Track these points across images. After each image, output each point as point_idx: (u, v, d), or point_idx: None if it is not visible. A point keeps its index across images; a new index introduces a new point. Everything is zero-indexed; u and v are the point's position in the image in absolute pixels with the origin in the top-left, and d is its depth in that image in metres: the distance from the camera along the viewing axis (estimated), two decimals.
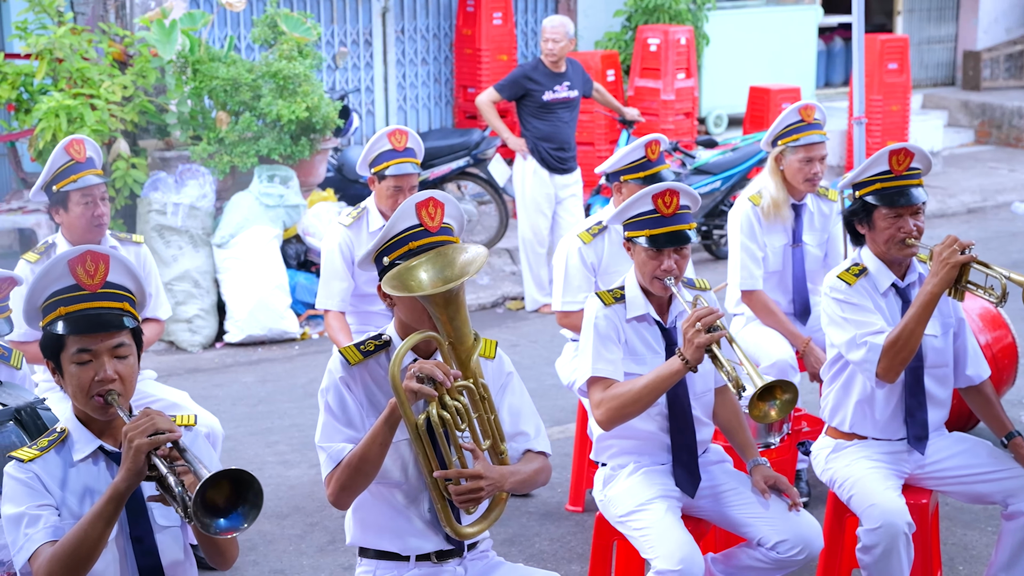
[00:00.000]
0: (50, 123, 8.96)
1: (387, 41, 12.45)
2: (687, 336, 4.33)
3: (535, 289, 10.11)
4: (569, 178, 9.90)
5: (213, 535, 3.09)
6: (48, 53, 9.30)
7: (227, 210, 9.61)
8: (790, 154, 6.23)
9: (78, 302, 3.38)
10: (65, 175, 5.55)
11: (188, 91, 9.76)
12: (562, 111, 9.75)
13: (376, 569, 3.97)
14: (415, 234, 3.78)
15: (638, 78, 12.62)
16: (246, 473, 3.08)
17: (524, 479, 3.86)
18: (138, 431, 3.19)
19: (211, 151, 9.59)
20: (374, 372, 3.86)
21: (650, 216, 4.60)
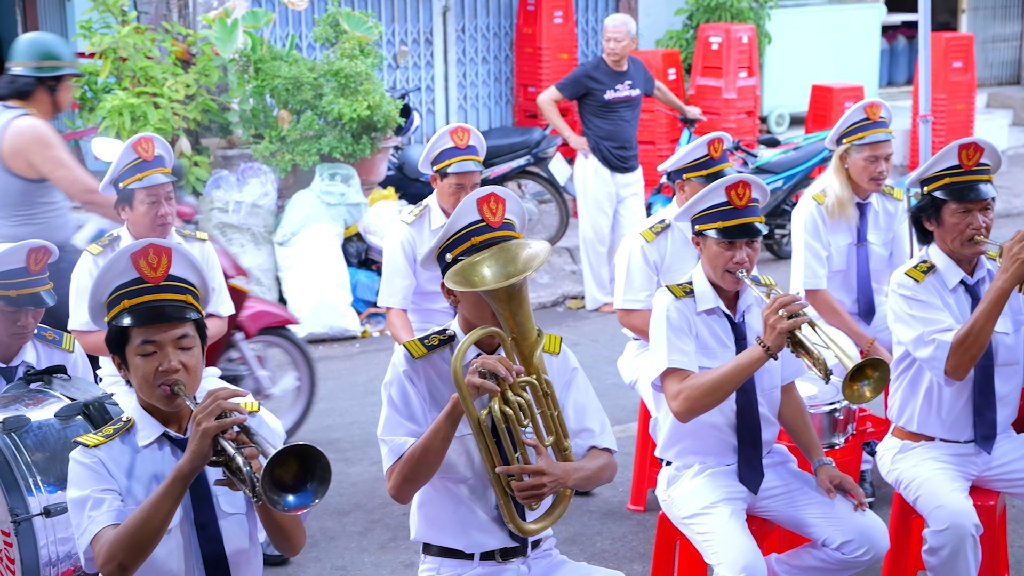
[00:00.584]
0: (114, 121, 9.04)
1: (448, 40, 12.46)
2: (769, 322, 4.29)
3: (595, 288, 10.08)
4: (630, 177, 9.86)
5: (283, 512, 3.09)
6: (112, 52, 9.40)
7: (289, 208, 9.65)
8: (855, 152, 6.16)
9: (142, 295, 3.40)
10: (131, 173, 5.58)
11: (250, 90, 9.83)
12: (624, 110, 9.71)
13: (440, 567, 3.96)
14: (477, 230, 3.77)
15: (699, 77, 12.56)
16: (313, 448, 3.08)
17: (588, 475, 3.84)
18: (205, 413, 3.21)
19: (273, 149, 9.64)
20: (437, 367, 3.85)
21: (723, 208, 4.57)
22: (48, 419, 4.07)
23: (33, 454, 3.94)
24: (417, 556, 5.81)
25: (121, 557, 3.24)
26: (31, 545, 3.84)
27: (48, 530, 3.88)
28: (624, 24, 9.65)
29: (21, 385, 4.35)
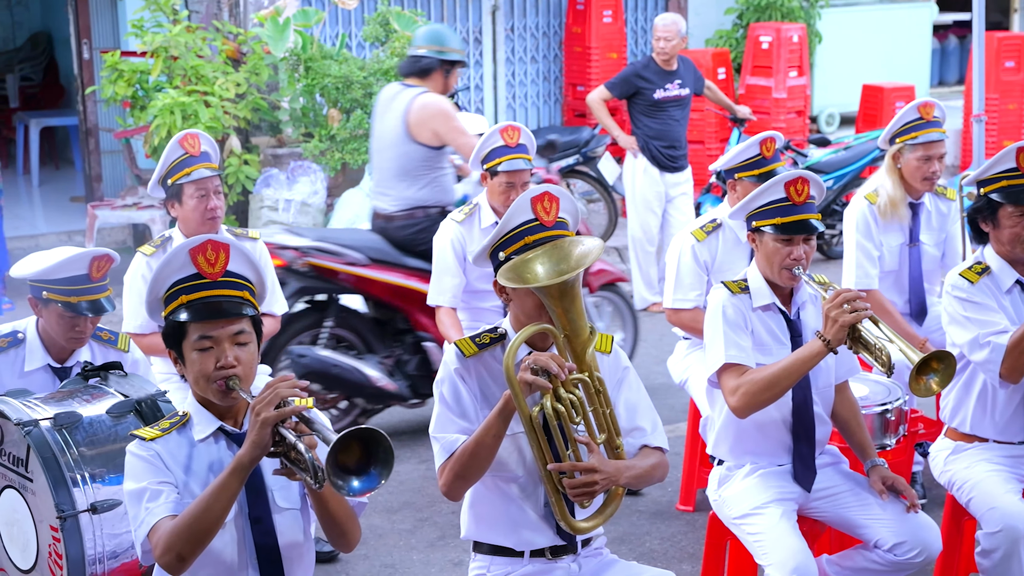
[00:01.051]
0: (165, 120, 9.10)
1: (497, 39, 12.47)
2: (830, 316, 4.27)
3: (644, 288, 10.05)
4: (680, 176, 9.83)
5: (348, 496, 3.10)
6: (163, 51, 9.46)
7: (338, 207, 9.68)
8: (908, 152, 6.11)
9: (199, 290, 3.42)
10: (179, 168, 5.62)
11: (300, 88, 9.87)
12: (673, 109, 9.68)
13: (490, 565, 3.96)
14: (531, 228, 3.77)
15: (749, 76, 12.50)
16: (375, 431, 3.09)
17: (640, 474, 3.83)
18: (264, 403, 3.22)
19: (322, 148, 9.67)
20: (489, 365, 3.85)
21: (781, 204, 4.55)
22: (100, 415, 4.11)
23: (83, 450, 3.97)
24: (466, 555, 5.83)
25: (179, 547, 3.26)
26: (77, 541, 3.87)
27: (95, 527, 3.90)
28: (674, 23, 9.62)
29: (78, 381, 4.38)
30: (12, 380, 4.48)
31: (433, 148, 7.01)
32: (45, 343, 4.56)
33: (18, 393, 4.23)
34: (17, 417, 3.96)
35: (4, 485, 4.13)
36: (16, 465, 4.05)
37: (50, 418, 3.99)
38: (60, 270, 4.42)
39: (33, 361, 4.53)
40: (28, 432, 3.91)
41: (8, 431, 4.08)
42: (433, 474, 6.78)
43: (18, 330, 4.59)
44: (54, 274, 4.42)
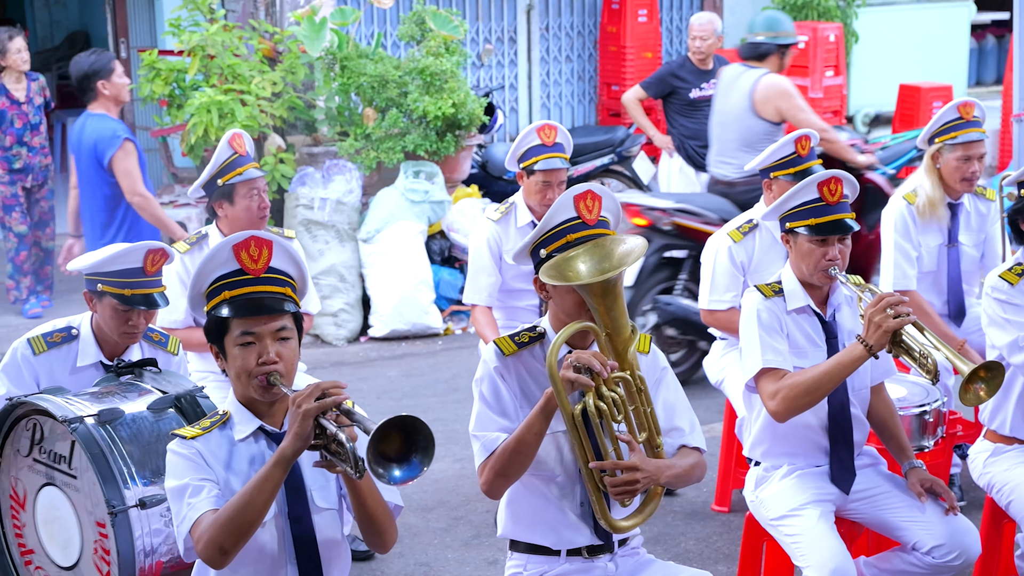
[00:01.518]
0: (201, 118, 9.13)
1: (531, 38, 12.46)
2: (873, 320, 4.25)
3: None
4: None
5: (390, 484, 3.12)
6: (200, 50, 9.49)
7: (373, 205, 9.70)
8: (948, 152, 6.07)
9: (242, 286, 3.43)
10: (231, 168, 5.63)
11: (336, 87, 9.88)
12: (709, 108, 9.64)
13: (527, 563, 3.96)
14: (573, 226, 3.77)
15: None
16: (415, 419, 3.10)
17: (680, 473, 3.83)
18: (305, 396, 3.23)
19: (358, 147, 9.69)
20: (528, 363, 3.85)
21: (815, 205, 4.53)
22: (141, 412, 4.13)
23: (128, 446, 4.00)
24: (500, 554, 5.84)
25: (222, 540, 3.27)
26: (127, 536, 3.89)
27: (143, 521, 3.93)
28: (710, 22, 9.60)
29: (112, 378, 4.40)
30: (63, 376, 4.50)
31: (773, 123, 8.08)
32: (99, 340, 4.58)
33: (55, 391, 4.25)
34: (62, 414, 3.98)
35: (43, 483, 4.15)
36: (57, 462, 4.07)
37: (94, 415, 4.01)
38: (115, 262, 4.44)
39: (85, 357, 4.55)
40: (74, 429, 3.93)
41: (49, 428, 4.11)
42: (467, 473, 6.82)
43: (72, 326, 4.61)
44: (109, 266, 4.44)
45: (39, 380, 4.49)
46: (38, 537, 4.21)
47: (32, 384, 4.48)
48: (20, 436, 4.22)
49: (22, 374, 4.50)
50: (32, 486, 4.19)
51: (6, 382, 4.49)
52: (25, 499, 4.22)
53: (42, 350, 4.54)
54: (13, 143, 9.28)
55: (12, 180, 9.36)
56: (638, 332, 3.80)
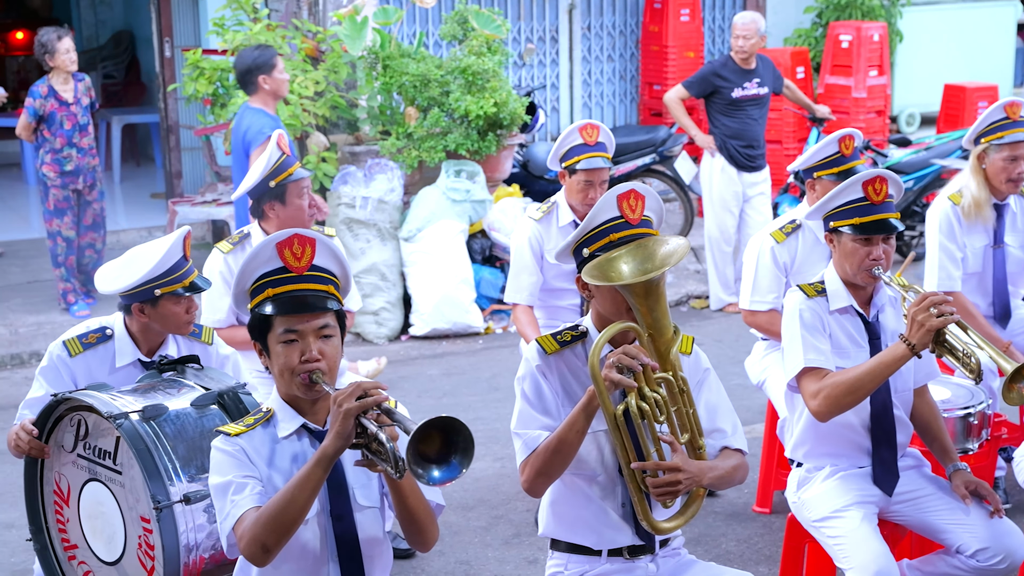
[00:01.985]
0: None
1: (573, 38, 12.45)
2: (916, 319, 4.21)
3: (720, 288, 10.00)
4: (757, 176, 9.77)
5: (429, 485, 3.12)
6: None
7: (414, 204, 9.72)
8: (993, 152, 6.02)
9: (285, 284, 3.45)
10: (281, 169, 5.65)
11: (378, 87, 9.91)
12: (752, 108, 9.62)
13: (567, 563, 3.96)
14: (616, 226, 3.76)
15: (829, 75, 12.38)
16: (455, 420, 3.10)
17: (722, 475, 3.81)
18: (346, 395, 3.24)
19: (400, 146, 9.71)
20: (570, 362, 3.85)
21: (859, 204, 4.50)
22: (185, 408, 4.15)
23: (172, 442, 4.02)
24: (540, 553, 5.85)
25: (264, 538, 3.29)
26: (172, 531, 3.91)
27: (187, 517, 3.95)
28: (753, 22, 9.56)
29: (154, 374, 4.43)
30: (103, 375, 4.53)
31: None
32: (134, 338, 4.61)
33: (100, 387, 4.28)
34: (107, 410, 4.01)
35: (87, 479, 4.18)
36: (102, 458, 4.10)
37: (138, 411, 4.04)
38: (167, 261, 4.46)
39: (124, 356, 4.58)
40: (119, 425, 3.96)
41: (93, 424, 4.13)
42: (508, 472, 6.82)
43: (106, 326, 4.63)
44: (162, 267, 4.45)
45: (76, 381, 4.52)
46: (82, 532, 4.23)
47: (69, 385, 4.50)
48: (64, 432, 4.25)
49: (60, 376, 4.53)
50: (76, 481, 4.22)
51: (45, 384, 4.52)
52: (69, 494, 4.25)
53: (78, 351, 4.57)
54: (63, 145, 9.34)
55: (64, 183, 9.40)
56: (680, 333, 3.79)
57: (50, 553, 4.36)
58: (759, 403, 7.17)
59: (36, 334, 9.20)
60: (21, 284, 10.32)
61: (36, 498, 4.38)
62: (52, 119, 9.28)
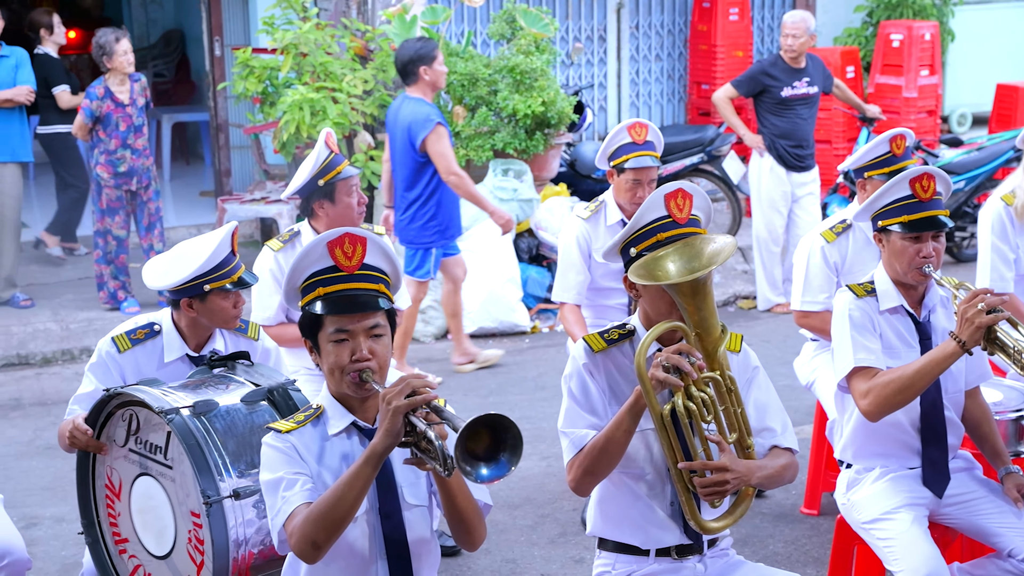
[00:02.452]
0: (294, 116, 9.21)
1: (621, 37, 12.43)
2: (966, 316, 4.17)
3: (768, 288, 9.95)
4: (806, 176, 9.72)
5: (477, 483, 3.12)
6: (293, 48, 9.58)
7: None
8: None
9: (336, 283, 3.45)
10: (330, 168, 5.67)
11: None
12: (801, 107, 9.57)
13: (615, 563, 3.95)
14: (663, 225, 3.75)
15: (879, 75, 12.30)
16: (504, 418, 3.10)
17: (771, 474, 3.79)
18: (395, 393, 3.24)
19: None
20: (617, 361, 3.84)
21: (907, 201, 4.47)
22: (235, 404, 4.17)
23: (222, 437, 4.04)
24: (587, 552, 5.84)
25: (314, 535, 3.30)
26: (222, 526, 3.93)
27: (237, 512, 3.97)
28: (803, 20, 9.51)
29: (205, 370, 4.45)
30: (151, 371, 4.56)
31: None
32: (182, 333, 4.64)
33: (151, 382, 4.31)
34: (158, 405, 4.04)
35: (139, 473, 4.21)
36: (153, 452, 4.13)
37: (189, 406, 4.06)
38: (216, 257, 4.49)
39: (172, 352, 4.61)
40: (170, 420, 3.99)
41: (145, 419, 4.16)
42: (554, 471, 6.82)
43: (154, 322, 4.67)
44: (212, 263, 4.48)
45: (125, 377, 4.56)
46: (132, 526, 4.26)
47: (118, 381, 4.54)
48: (116, 426, 4.28)
49: (109, 372, 4.57)
50: (127, 476, 4.25)
51: (94, 380, 4.56)
52: (120, 489, 4.28)
53: (126, 347, 4.60)
54: (118, 146, 9.41)
55: (117, 183, 9.48)
56: (728, 331, 3.77)
57: (101, 547, 4.39)
58: (807, 404, 7.13)
59: (86, 330, 9.28)
60: (72, 281, 10.42)
61: (88, 492, 4.41)
62: (108, 120, 9.35)
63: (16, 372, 8.89)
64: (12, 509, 4.77)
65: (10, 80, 9.51)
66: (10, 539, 4.48)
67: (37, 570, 5.72)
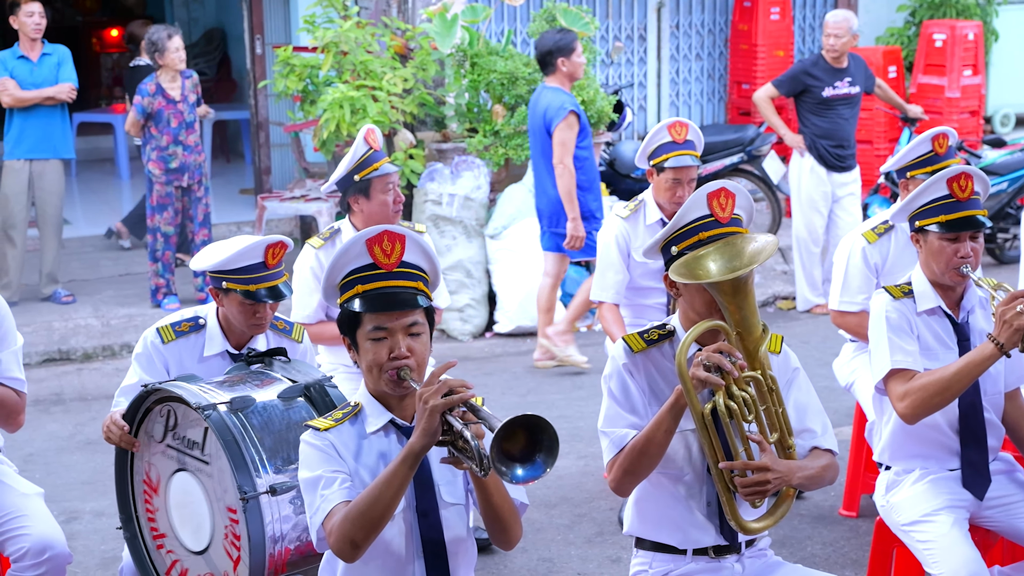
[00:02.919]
0: (334, 114, 9.23)
1: (661, 36, 12.40)
2: (1004, 318, 4.13)
3: (807, 289, 9.90)
4: (847, 176, 9.67)
5: (512, 483, 3.11)
6: (334, 46, 9.60)
7: (500, 202, 9.73)
8: None
9: (375, 280, 3.45)
10: (367, 164, 5.68)
11: (466, 84, 9.93)
12: (842, 107, 9.52)
13: (652, 562, 3.93)
14: (705, 224, 3.73)
15: (921, 75, 12.22)
16: (540, 419, 3.08)
17: (812, 475, 3.77)
18: (432, 392, 3.23)
19: (487, 143, 9.73)
20: (657, 360, 3.82)
21: (945, 201, 4.43)
22: (272, 400, 4.18)
23: (259, 434, 4.05)
24: (623, 551, 5.82)
25: (353, 534, 3.30)
26: (258, 522, 3.94)
27: (273, 508, 3.98)
28: (846, 20, 9.47)
29: (242, 366, 4.47)
30: (192, 364, 4.59)
31: None
32: (224, 330, 4.66)
33: (189, 378, 4.33)
34: (195, 401, 4.05)
35: (176, 468, 4.23)
36: (190, 448, 4.15)
37: (226, 402, 4.08)
38: (237, 260, 4.50)
39: (212, 347, 4.63)
40: (207, 416, 4.00)
41: (183, 415, 4.18)
42: (591, 470, 6.81)
43: (200, 316, 4.70)
44: (232, 264, 4.50)
45: (168, 368, 4.59)
46: (170, 521, 4.28)
47: (162, 371, 4.57)
48: (154, 422, 4.30)
49: (153, 362, 4.60)
50: (165, 471, 4.27)
51: (139, 370, 4.60)
52: (158, 484, 4.30)
53: (171, 339, 4.63)
54: (169, 143, 9.49)
55: (168, 180, 9.56)
56: (769, 331, 3.75)
57: (139, 541, 4.41)
58: (846, 405, 7.09)
59: (127, 326, 9.34)
60: (113, 277, 10.48)
61: (126, 487, 4.44)
62: (159, 116, 9.44)
63: (57, 367, 8.95)
64: (52, 503, 4.80)
65: (52, 78, 9.57)
66: (52, 533, 4.52)
67: (77, 564, 5.75)
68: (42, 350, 9.04)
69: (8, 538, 4.51)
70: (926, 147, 5.75)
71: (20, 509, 4.57)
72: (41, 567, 4.46)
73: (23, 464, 4.87)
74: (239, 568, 4.02)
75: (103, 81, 17.29)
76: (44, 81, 9.54)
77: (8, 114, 9.61)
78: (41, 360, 8.98)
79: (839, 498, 6.26)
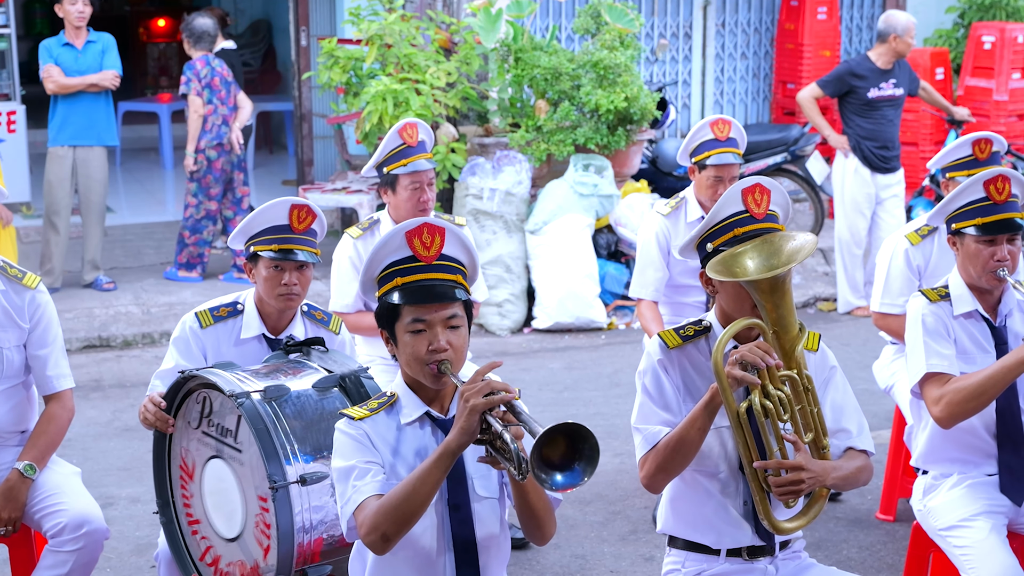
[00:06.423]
0: (377, 107, 9.24)
1: (707, 34, 12.34)
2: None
3: (849, 291, 9.84)
4: (891, 178, 9.60)
5: (551, 490, 3.10)
6: (378, 39, 9.62)
7: (541, 197, 9.72)
8: None
9: (414, 273, 3.43)
10: (396, 158, 5.68)
11: (509, 79, 9.92)
12: (887, 109, 9.45)
13: (685, 561, 3.91)
14: (740, 220, 3.71)
15: (969, 77, 12.09)
16: (582, 427, 3.06)
17: (846, 475, 3.74)
18: (474, 391, 3.22)
19: (529, 138, 9.71)
20: (692, 357, 3.80)
21: (981, 204, 4.38)
22: (306, 389, 4.18)
23: (292, 423, 4.04)
24: (657, 550, 5.80)
25: (385, 527, 3.29)
26: (287, 511, 3.93)
27: (303, 498, 3.97)
28: (912, 22, 9.44)
29: (280, 355, 4.47)
30: (228, 347, 4.60)
31: None
32: (261, 314, 4.67)
33: (226, 365, 4.33)
34: (229, 389, 4.05)
35: (211, 455, 4.24)
36: (224, 436, 4.15)
37: (260, 391, 4.08)
38: (261, 218, 4.50)
39: (249, 330, 4.64)
40: (240, 404, 4.01)
41: (218, 402, 4.19)
42: (626, 467, 6.79)
43: (239, 300, 4.72)
44: (257, 224, 4.50)
45: (206, 352, 4.61)
46: (204, 508, 4.29)
47: (200, 356, 4.59)
48: (191, 408, 4.31)
49: (191, 347, 4.62)
50: (200, 458, 4.28)
51: (176, 355, 4.62)
52: (194, 470, 4.31)
53: (208, 323, 4.64)
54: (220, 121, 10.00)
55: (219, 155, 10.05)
56: (806, 330, 3.72)
57: (175, 527, 4.43)
58: (886, 408, 7.04)
59: (167, 314, 9.38)
60: (155, 265, 10.54)
61: (164, 472, 4.45)
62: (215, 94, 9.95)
63: (97, 354, 9.01)
64: (89, 488, 4.83)
65: (97, 65, 9.64)
66: (89, 508, 4.59)
67: (111, 550, 5.79)
68: (82, 336, 9.11)
69: (46, 514, 4.57)
70: (966, 150, 5.69)
71: (57, 487, 4.64)
72: (79, 541, 4.51)
73: (60, 449, 4.90)
74: (268, 557, 4.03)
75: (149, 71, 17.40)
76: (88, 68, 9.61)
77: (52, 101, 9.69)
78: (81, 346, 9.04)
79: (876, 502, 6.22)
